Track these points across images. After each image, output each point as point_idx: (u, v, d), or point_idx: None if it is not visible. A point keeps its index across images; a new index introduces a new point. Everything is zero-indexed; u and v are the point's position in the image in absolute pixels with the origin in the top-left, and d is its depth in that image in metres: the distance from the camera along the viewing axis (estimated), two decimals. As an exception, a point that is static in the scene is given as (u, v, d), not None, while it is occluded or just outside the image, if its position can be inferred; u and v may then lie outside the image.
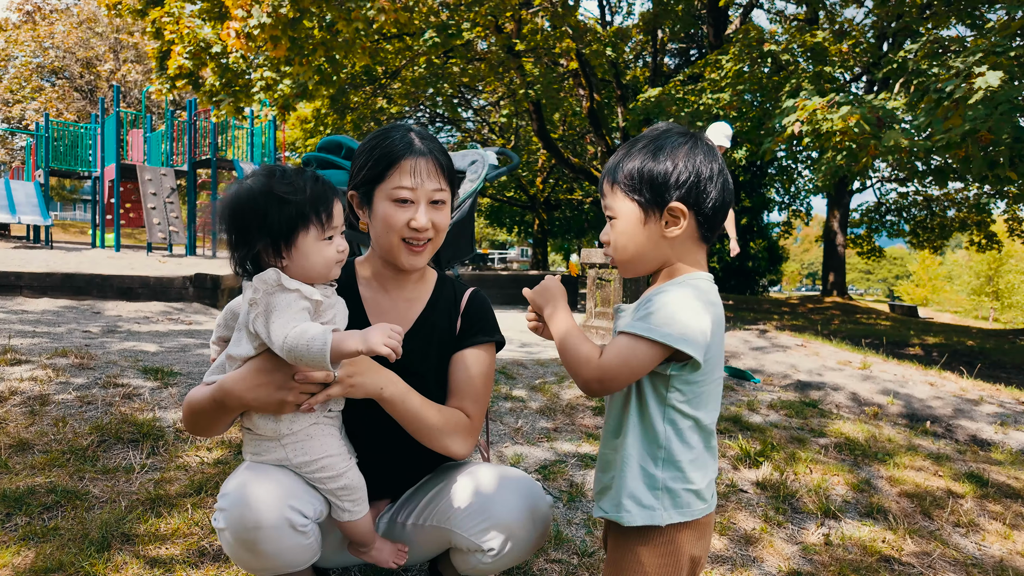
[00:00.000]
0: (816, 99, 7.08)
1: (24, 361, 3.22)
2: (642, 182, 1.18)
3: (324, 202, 1.29)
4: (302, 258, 1.28)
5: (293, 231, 1.26)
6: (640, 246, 1.20)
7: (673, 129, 1.22)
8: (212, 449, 2.49)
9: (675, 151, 1.17)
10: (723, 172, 1.20)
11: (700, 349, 1.11)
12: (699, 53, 20.01)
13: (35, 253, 10.72)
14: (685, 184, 1.16)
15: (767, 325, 9.11)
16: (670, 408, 1.17)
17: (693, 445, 1.18)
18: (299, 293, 1.25)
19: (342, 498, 1.38)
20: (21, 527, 1.84)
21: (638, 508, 1.17)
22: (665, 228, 1.18)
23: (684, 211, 1.16)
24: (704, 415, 1.19)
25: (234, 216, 1.28)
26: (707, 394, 1.18)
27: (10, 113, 31.19)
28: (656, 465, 1.17)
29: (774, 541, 2.26)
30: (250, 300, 1.26)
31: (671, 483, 1.17)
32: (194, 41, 10.76)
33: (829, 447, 3.29)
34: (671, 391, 1.16)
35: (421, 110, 20.64)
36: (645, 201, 1.18)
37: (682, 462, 1.17)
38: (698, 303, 1.13)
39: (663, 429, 1.17)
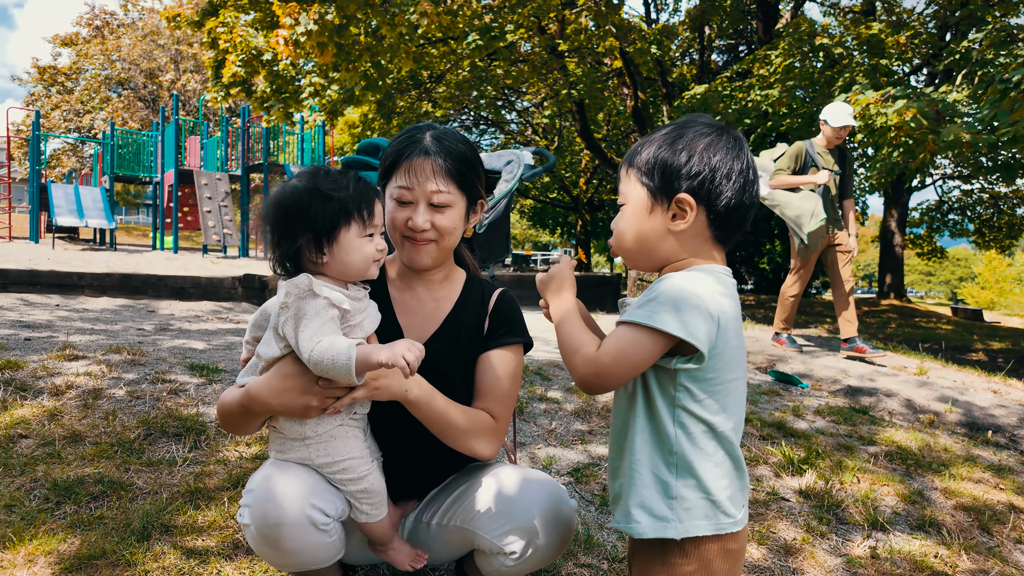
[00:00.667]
0: (870, 93, 6.79)
1: (81, 357, 3.38)
2: (655, 168, 1.11)
3: (366, 199, 1.31)
4: (343, 253, 1.30)
5: (335, 226, 1.29)
6: (642, 236, 1.13)
7: (700, 120, 1.14)
8: (251, 444, 2.56)
9: (694, 142, 1.10)
10: (746, 172, 1.10)
11: (702, 339, 1.01)
12: (748, 49, 19.52)
13: (98, 255, 11.28)
14: (697, 177, 1.08)
15: (818, 328, 8.80)
16: (680, 409, 1.07)
17: (710, 452, 1.08)
18: (328, 301, 1.26)
19: (361, 500, 1.39)
20: (69, 515, 1.92)
21: (649, 519, 1.08)
22: (672, 220, 1.11)
23: (692, 204, 1.09)
24: (720, 420, 1.08)
25: (278, 213, 1.31)
26: (721, 396, 1.08)
27: (81, 123, 32.99)
28: (669, 471, 1.08)
29: (816, 552, 2.17)
30: (281, 304, 1.29)
31: (686, 491, 1.07)
32: (247, 50, 11.13)
33: (879, 456, 3.14)
34: (679, 390, 1.07)
35: (465, 113, 20.80)
36: (654, 187, 1.11)
37: (698, 468, 1.07)
38: (704, 289, 1.04)
39: (673, 432, 1.08)
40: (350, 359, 1.20)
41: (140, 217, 42.90)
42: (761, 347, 5.65)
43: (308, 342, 1.23)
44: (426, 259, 1.49)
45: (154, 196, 16.03)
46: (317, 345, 1.22)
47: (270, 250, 1.34)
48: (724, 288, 1.09)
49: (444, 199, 1.44)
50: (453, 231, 1.48)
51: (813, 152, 5.14)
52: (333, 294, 1.28)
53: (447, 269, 1.60)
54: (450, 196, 1.45)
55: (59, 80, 34.26)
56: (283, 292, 1.29)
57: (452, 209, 1.46)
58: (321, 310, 1.25)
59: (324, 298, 1.26)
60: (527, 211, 29.57)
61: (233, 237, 13.66)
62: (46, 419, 2.57)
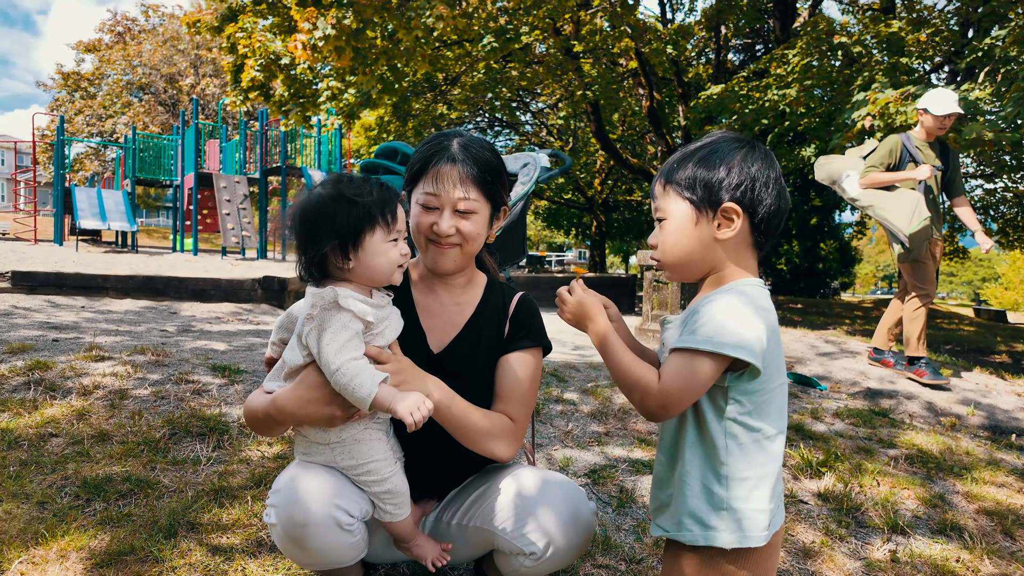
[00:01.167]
0: (889, 91, 6.71)
1: (107, 358, 3.45)
2: (696, 183, 1.17)
3: (389, 204, 1.34)
4: (368, 259, 1.32)
5: (360, 232, 1.31)
6: (690, 247, 1.19)
7: (728, 136, 1.22)
8: (272, 444, 2.60)
9: (730, 156, 1.17)
10: (779, 180, 1.19)
11: (758, 355, 1.08)
12: (765, 48, 19.36)
13: (121, 257, 11.48)
14: (740, 187, 1.16)
15: (837, 330, 8.71)
16: (730, 421, 1.13)
17: (760, 463, 1.13)
18: (352, 314, 1.29)
19: (385, 501, 1.41)
20: (99, 512, 1.98)
21: (700, 528, 1.14)
22: (718, 229, 1.17)
23: (739, 211, 1.15)
24: (768, 426, 1.14)
25: (304, 220, 1.33)
26: (768, 403, 1.14)
27: (103, 128, 33.59)
28: (719, 483, 1.13)
29: (835, 556, 2.16)
30: (307, 314, 1.31)
31: (736, 503, 1.13)
32: (265, 54, 11.28)
33: (899, 459, 3.12)
34: (730, 403, 1.12)
35: (480, 115, 20.86)
36: (698, 200, 1.17)
37: (749, 479, 1.13)
38: (748, 308, 1.10)
39: (724, 444, 1.13)
40: (370, 395, 1.25)
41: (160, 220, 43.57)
42: (779, 349, 5.61)
43: (335, 358, 1.26)
44: (450, 263, 1.52)
45: (174, 199, 16.29)
46: (346, 366, 1.25)
47: (296, 257, 1.37)
48: (763, 302, 1.15)
49: (469, 206, 1.47)
50: (477, 237, 1.51)
51: (910, 146, 4.53)
52: (358, 306, 1.30)
53: (469, 274, 1.62)
54: (475, 203, 1.48)
55: (82, 85, 34.93)
56: (309, 302, 1.32)
57: (477, 215, 1.49)
58: (346, 324, 1.28)
59: (348, 311, 1.28)
60: (542, 212, 29.57)
61: (251, 239, 13.83)
62: (75, 418, 2.63)
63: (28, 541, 1.77)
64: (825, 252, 21.35)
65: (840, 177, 4.72)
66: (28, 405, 2.72)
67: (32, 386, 2.92)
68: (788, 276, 21.27)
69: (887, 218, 4.37)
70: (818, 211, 21.12)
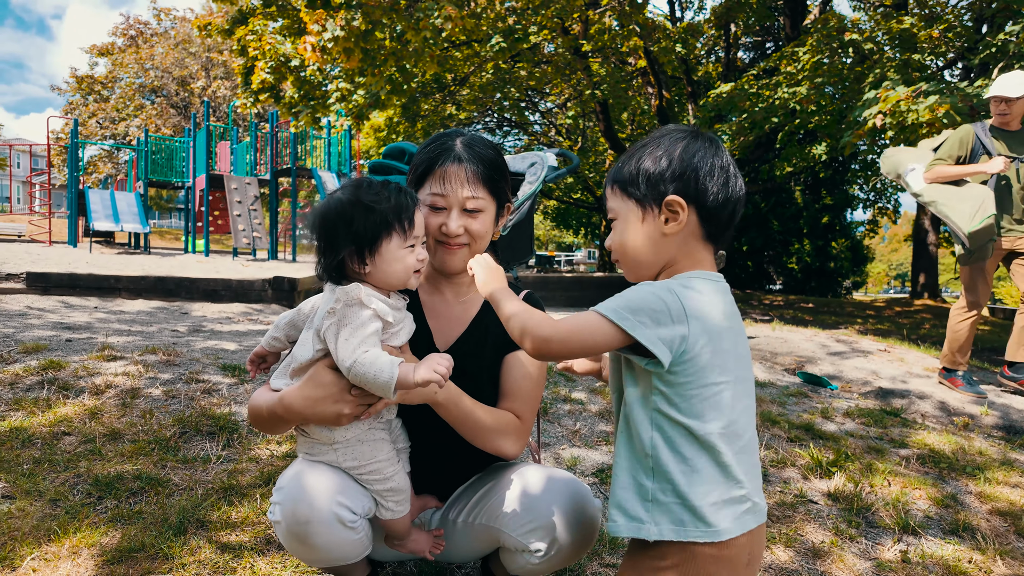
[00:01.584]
0: (900, 89, 6.64)
1: (119, 357, 3.49)
2: (639, 178, 1.15)
3: (406, 211, 1.34)
4: (385, 264, 1.33)
5: (377, 238, 1.32)
6: (640, 245, 1.16)
7: (674, 128, 1.20)
8: (281, 443, 2.62)
9: (672, 148, 1.15)
10: (727, 168, 1.14)
11: (664, 344, 1.03)
12: (775, 46, 19.24)
13: (134, 258, 11.60)
14: (682, 178, 1.12)
15: (849, 329, 8.64)
16: (656, 413, 1.09)
17: (689, 456, 1.07)
18: (374, 312, 1.29)
19: (387, 498, 1.42)
20: (110, 510, 2.00)
21: (625, 519, 1.10)
22: (665, 224, 1.14)
23: (683, 204, 1.12)
24: (698, 424, 1.07)
25: (323, 224, 1.35)
26: (699, 401, 1.07)
27: (116, 130, 33.95)
28: (646, 475, 1.10)
29: (845, 556, 2.14)
30: (329, 309, 1.32)
31: (661, 495, 1.08)
32: (275, 56, 11.35)
33: (911, 459, 3.09)
34: (654, 394, 1.08)
35: (489, 115, 20.88)
36: (642, 196, 1.15)
37: (673, 473, 1.07)
38: (672, 296, 1.06)
39: (649, 436, 1.09)
40: (392, 376, 1.24)
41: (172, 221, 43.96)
42: (789, 348, 5.57)
43: (351, 353, 1.26)
44: (459, 263, 1.52)
45: (186, 200, 16.43)
46: (362, 356, 1.25)
47: (316, 259, 1.38)
48: (706, 293, 1.10)
49: (477, 204, 1.48)
50: (485, 235, 1.52)
51: (984, 136, 4.10)
52: (380, 306, 1.31)
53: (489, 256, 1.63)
54: (482, 201, 1.48)
55: (96, 89, 35.32)
56: (333, 297, 1.33)
57: (484, 214, 1.50)
58: (366, 321, 1.28)
59: (371, 310, 1.29)
60: (551, 212, 29.55)
61: (262, 240, 13.92)
62: (87, 417, 2.66)
63: (40, 538, 1.79)
64: (837, 251, 21.19)
65: (904, 171, 4.34)
66: (42, 404, 2.75)
67: (46, 385, 2.96)
68: (799, 275, 21.14)
69: (948, 215, 4.01)
70: (829, 209, 20.98)
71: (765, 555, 2.11)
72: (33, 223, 18.70)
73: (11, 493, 2.05)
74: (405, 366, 1.26)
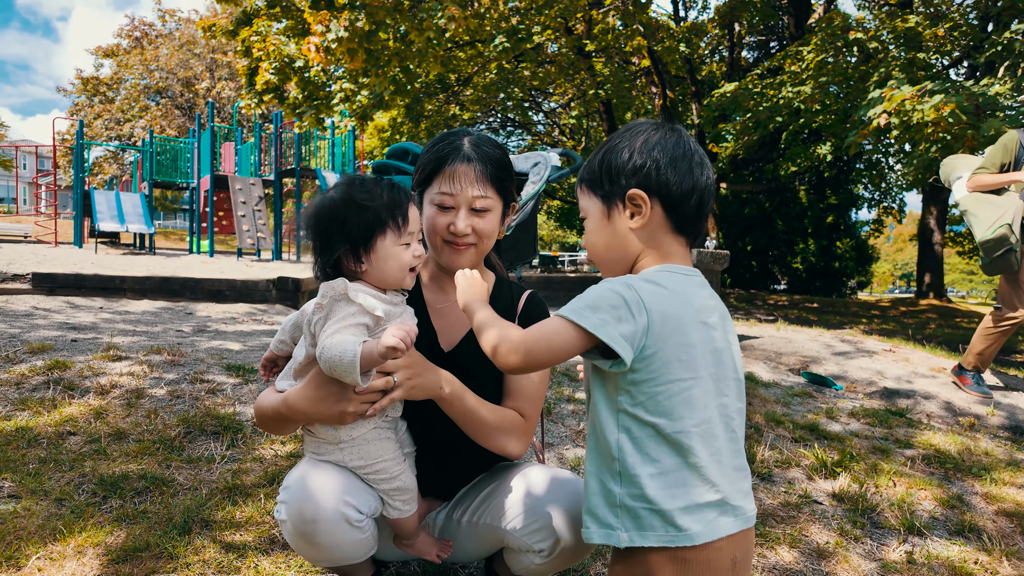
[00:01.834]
0: (905, 88, 6.62)
1: (124, 358, 3.50)
2: (601, 175, 1.15)
3: (400, 207, 1.33)
4: (380, 262, 1.33)
5: (371, 236, 1.31)
6: (608, 242, 1.16)
7: (639, 122, 1.19)
8: (285, 443, 2.63)
9: (632, 141, 1.14)
10: (690, 157, 1.12)
11: (626, 341, 1.00)
12: (779, 45, 19.19)
13: (139, 259, 11.64)
14: (642, 170, 1.11)
15: (854, 329, 8.61)
16: (622, 414, 1.06)
17: (657, 459, 1.04)
18: (360, 308, 1.28)
19: (394, 498, 1.42)
20: (115, 509, 2.00)
21: (596, 525, 1.08)
22: (630, 219, 1.13)
23: (644, 198, 1.11)
24: (666, 423, 1.04)
25: (317, 224, 1.35)
26: (665, 398, 1.04)
27: (121, 131, 34.09)
28: (613, 479, 1.07)
29: (849, 557, 2.14)
30: (316, 304, 1.32)
31: (629, 500, 1.05)
32: (279, 57, 11.38)
33: (916, 459, 3.07)
34: (620, 393, 1.06)
35: (492, 115, 20.89)
36: (604, 193, 1.15)
37: (640, 476, 1.04)
38: (630, 290, 1.03)
39: (615, 438, 1.06)
40: (356, 355, 1.19)
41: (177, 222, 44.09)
42: (794, 348, 5.56)
43: (322, 342, 1.25)
44: (465, 262, 1.53)
45: (191, 201, 16.48)
46: (328, 341, 1.23)
47: (313, 259, 1.38)
48: (670, 286, 1.07)
49: (485, 204, 1.48)
50: (492, 234, 1.52)
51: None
52: (368, 300, 1.30)
53: (478, 270, 1.63)
54: (490, 201, 1.49)
55: (101, 90, 35.48)
56: (320, 293, 1.33)
57: (491, 213, 1.50)
58: (349, 315, 1.28)
59: (358, 304, 1.29)
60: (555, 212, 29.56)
61: (267, 240, 13.96)
62: (92, 417, 2.67)
63: (46, 537, 1.80)
64: (841, 251, 21.12)
65: (953, 178, 4.25)
66: (47, 404, 2.77)
67: (51, 385, 2.97)
68: (804, 275, 21.08)
69: (971, 223, 3.95)
70: (834, 209, 20.92)
71: (769, 555, 2.10)
72: (39, 224, 18.79)
73: (17, 492, 2.05)
74: (369, 343, 1.23)
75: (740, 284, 21.66)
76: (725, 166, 14.98)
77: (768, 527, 2.28)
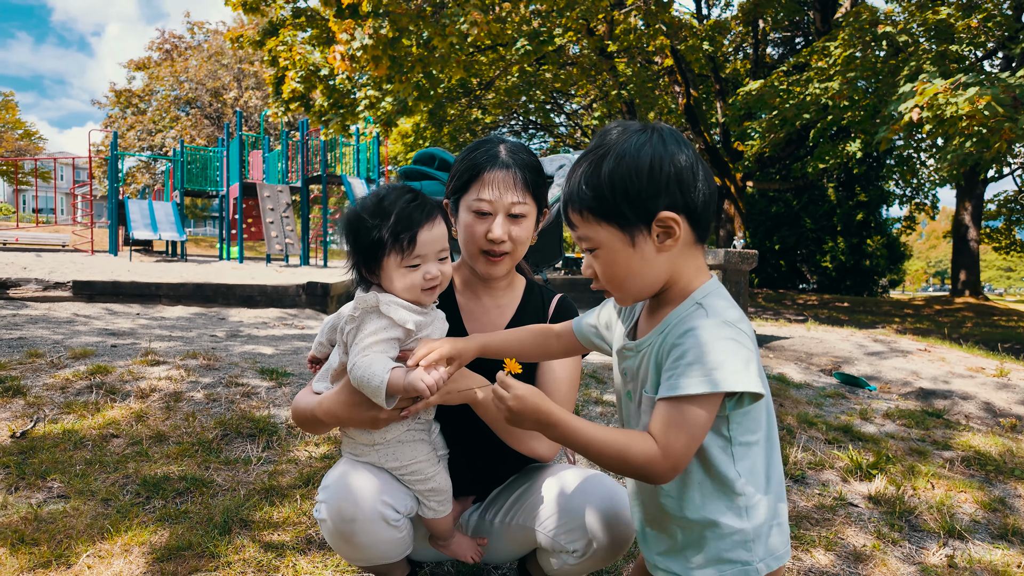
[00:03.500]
0: (938, 81, 6.47)
1: (162, 362, 3.60)
2: (616, 200, 1.00)
3: (408, 230, 1.30)
4: (386, 280, 1.35)
5: (375, 255, 1.33)
6: (635, 271, 1.03)
7: (616, 131, 1.05)
8: (319, 445, 2.67)
9: (640, 158, 0.99)
10: (698, 159, 1.03)
11: (759, 377, 0.97)
12: (805, 41, 18.90)
13: (172, 266, 11.92)
14: (667, 189, 0.99)
15: (886, 328, 8.43)
16: (739, 447, 1.02)
17: (769, 475, 1.04)
18: (391, 321, 1.30)
19: (429, 498, 1.45)
20: (158, 509, 2.07)
21: (729, 567, 1.03)
22: (659, 242, 1.02)
23: (676, 219, 1.00)
24: (759, 428, 1.04)
25: (344, 233, 1.39)
26: (759, 408, 1.04)
27: (153, 142, 34.99)
28: (739, 516, 1.03)
29: (888, 560, 2.10)
30: (348, 316, 1.35)
31: (762, 529, 1.04)
32: (305, 66, 11.58)
33: (955, 461, 3.00)
34: (732, 427, 1.02)
35: (514, 118, 20.94)
36: (627, 221, 1.01)
37: (766, 498, 1.04)
38: (738, 331, 0.98)
39: (735, 474, 1.02)
40: (383, 381, 1.23)
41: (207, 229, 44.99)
42: (825, 348, 5.47)
43: (352, 358, 1.28)
44: (501, 271, 1.55)
45: (220, 209, 16.82)
46: (359, 359, 1.26)
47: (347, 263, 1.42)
48: (732, 303, 1.04)
49: (522, 209, 1.49)
50: (526, 241, 1.53)
51: None
52: (399, 313, 1.31)
53: (510, 277, 1.65)
54: (527, 207, 1.50)
55: (133, 102, 36.47)
56: (353, 304, 1.36)
57: (527, 219, 1.51)
58: (379, 329, 1.30)
59: (388, 318, 1.31)
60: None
61: (294, 246, 14.18)
62: (134, 420, 2.76)
63: (94, 536, 1.87)
64: (872, 248, 20.68)
65: None
66: (91, 407, 2.86)
67: (94, 389, 3.07)
68: (833, 274, 20.69)
69: None
70: (864, 206, 20.49)
71: (804, 558, 2.08)
72: (76, 233, 19.37)
73: (66, 493, 2.13)
74: (397, 372, 1.25)
75: (768, 284, 21.34)
76: (751, 164, 14.79)
77: (803, 530, 2.25)
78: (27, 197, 41.39)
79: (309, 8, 11.57)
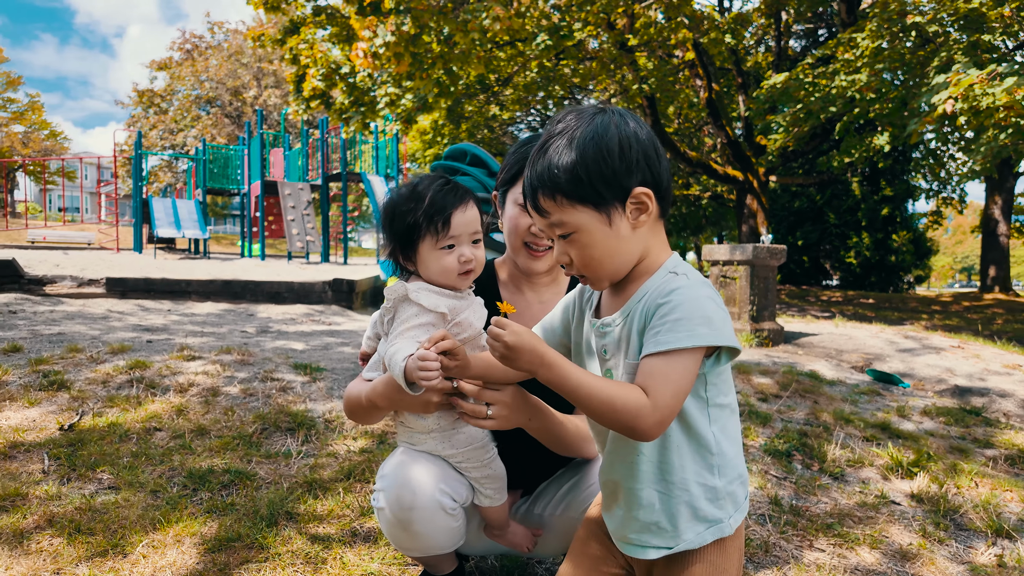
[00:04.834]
0: (973, 72, 6.33)
1: (197, 357, 3.65)
2: (592, 180, 1.03)
3: (442, 212, 1.33)
4: (422, 264, 1.37)
5: (411, 239, 1.35)
6: (612, 250, 1.06)
7: (572, 115, 1.07)
8: (357, 439, 2.70)
9: (605, 138, 1.02)
10: (651, 134, 1.08)
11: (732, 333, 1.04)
12: (829, 33, 18.61)
13: (198, 263, 12.09)
14: (637, 165, 1.03)
15: (915, 325, 8.30)
16: (713, 407, 1.07)
17: (734, 435, 1.11)
18: (421, 307, 1.32)
19: (485, 485, 1.45)
20: (205, 501, 2.10)
21: (706, 527, 1.08)
22: (633, 219, 1.05)
23: (649, 194, 1.04)
24: (732, 397, 1.11)
25: (382, 221, 1.42)
26: (728, 373, 1.10)
27: (175, 141, 35.46)
28: (712, 474, 1.08)
29: (935, 559, 2.07)
30: (384, 308, 1.38)
31: (730, 486, 1.10)
32: (325, 64, 11.65)
33: (998, 459, 2.95)
34: (709, 388, 1.06)
35: (532, 114, 20.89)
36: (603, 201, 1.04)
37: (733, 457, 1.10)
38: (710, 290, 1.04)
39: (711, 434, 1.07)
40: (401, 370, 1.24)
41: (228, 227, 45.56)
42: (855, 345, 5.39)
43: (385, 347, 1.32)
44: (543, 266, 1.56)
45: (241, 206, 17.01)
46: (388, 348, 1.30)
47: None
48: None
49: None
50: None
51: None
52: (429, 299, 1.33)
53: (553, 272, 1.65)
54: None
55: (155, 102, 36.98)
56: (386, 296, 1.39)
57: None
58: (411, 316, 1.32)
59: (418, 305, 1.33)
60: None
61: (315, 243, 14.29)
62: (175, 414, 2.80)
63: (147, 527, 1.90)
64: (898, 244, 20.32)
65: None
66: (133, 401, 2.91)
67: (134, 384, 3.12)
68: (858, 270, 20.37)
69: None
70: (889, 201, 20.13)
71: (849, 556, 2.05)
72: (101, 231, 19.72)
73: (116, 484, 2.17)
74: (412, 359, 1.24)
75: (791, 280, 21.09)
76: (774, 159, 14.60)
77: (846, 527, 2.22)
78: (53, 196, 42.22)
79: (329, 6, 11.63)
